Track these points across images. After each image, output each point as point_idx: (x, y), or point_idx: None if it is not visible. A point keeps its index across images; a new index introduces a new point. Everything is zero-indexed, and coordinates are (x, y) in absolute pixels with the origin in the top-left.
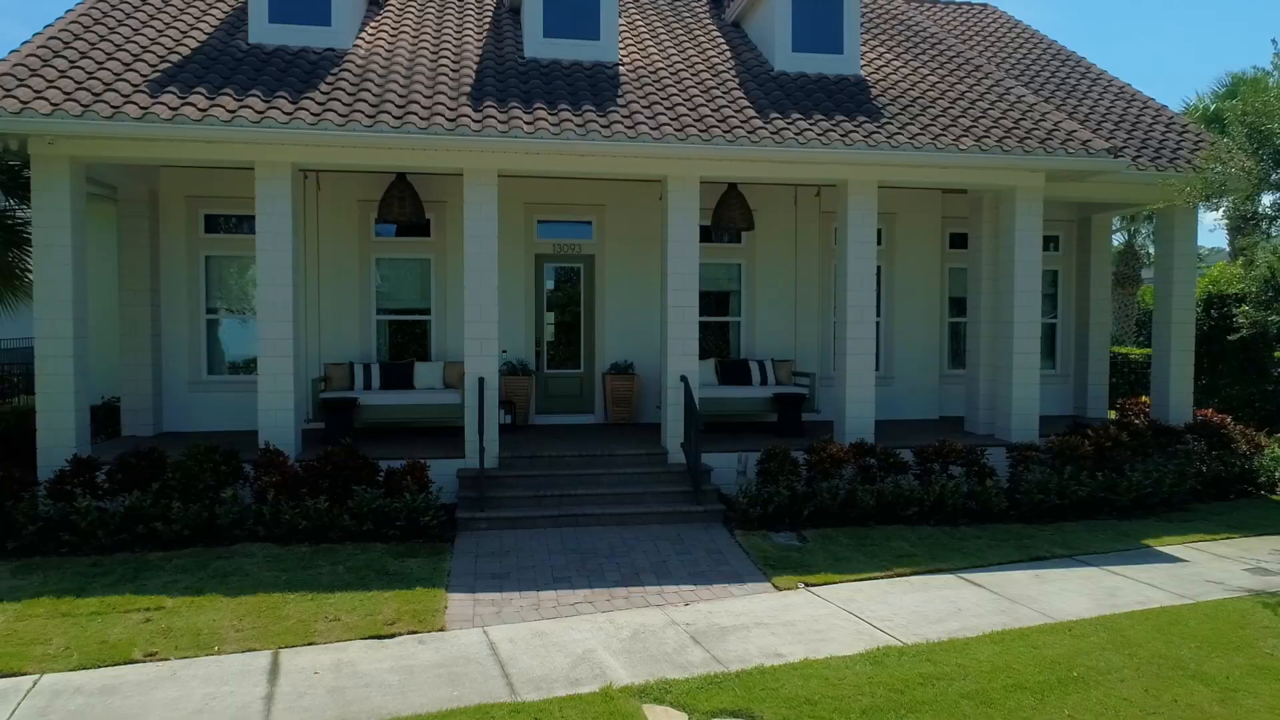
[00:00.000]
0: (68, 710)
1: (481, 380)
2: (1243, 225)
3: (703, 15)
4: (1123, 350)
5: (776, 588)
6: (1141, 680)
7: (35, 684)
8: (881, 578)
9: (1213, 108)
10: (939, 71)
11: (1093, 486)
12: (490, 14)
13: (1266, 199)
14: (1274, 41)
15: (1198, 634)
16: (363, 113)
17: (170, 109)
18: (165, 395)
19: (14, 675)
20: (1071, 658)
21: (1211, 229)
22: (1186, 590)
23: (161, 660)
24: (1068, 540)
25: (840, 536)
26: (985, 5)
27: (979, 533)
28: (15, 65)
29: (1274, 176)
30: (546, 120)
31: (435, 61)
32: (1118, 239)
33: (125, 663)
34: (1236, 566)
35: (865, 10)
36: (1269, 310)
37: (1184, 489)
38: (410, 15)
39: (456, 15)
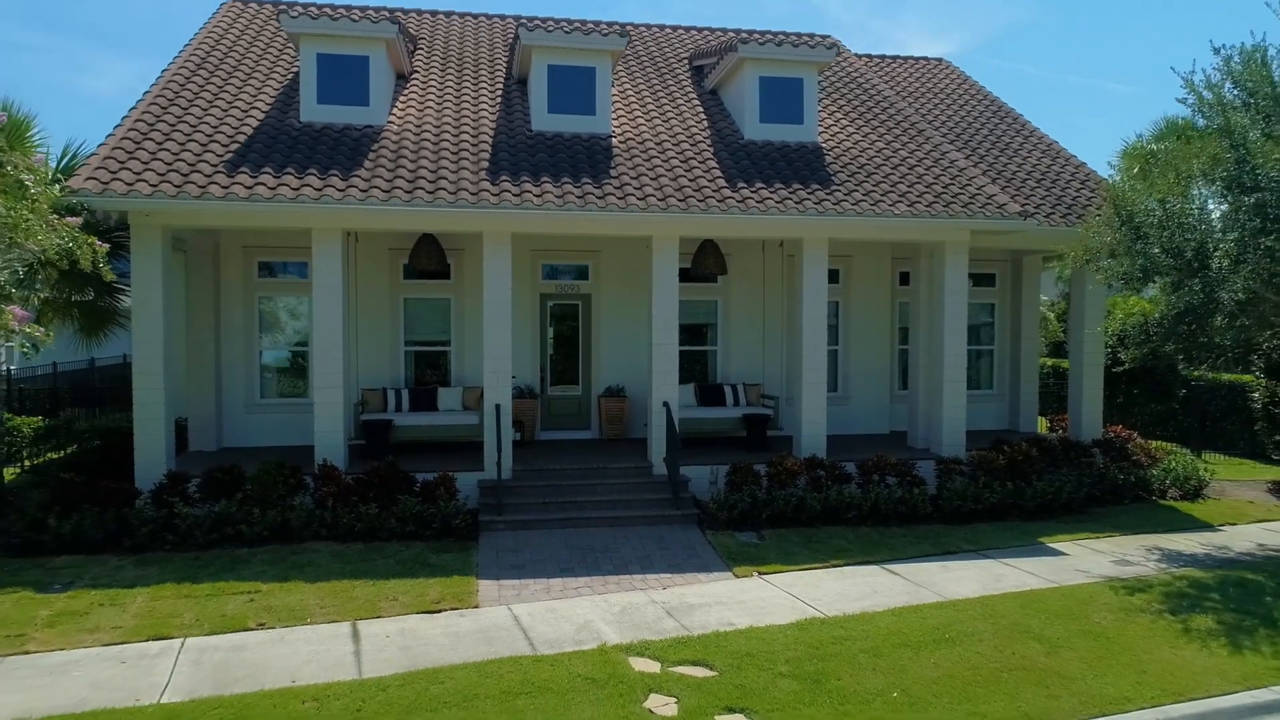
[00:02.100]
0: (213, 662)
1: (498, 407)
2: (1117, 283)
3: (685, 83)
4: (1065, 365)
5: (736, 576)
6: (996, 640)
7: (183, 644)
8: (820, 568)
9: (1150, 147)
10: (885, 137)
11: (1003, 494)
12: (501, 84)
13: (1133, 265)
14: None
15: (1050, 609)
16: (401, 189)
17: (245, 188)
18: (225, 416)
19: (165, 639)
20: (949, 625)
21: None
22: (1056, 577)
23: (269, 629)
24: (976, 538)
25: (792, 535)
26: (940, 61)
27: (906, 532)
28: (114, 148)
29: (1135, 247)
30: (552, 193)
31: (457, 135)
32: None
33: (243, 630)
34: (1105, 559)
35: (828, 76)
36: (1142, 349)
37: (1081, 495)
38: (432, 89)
39: (472, 87)
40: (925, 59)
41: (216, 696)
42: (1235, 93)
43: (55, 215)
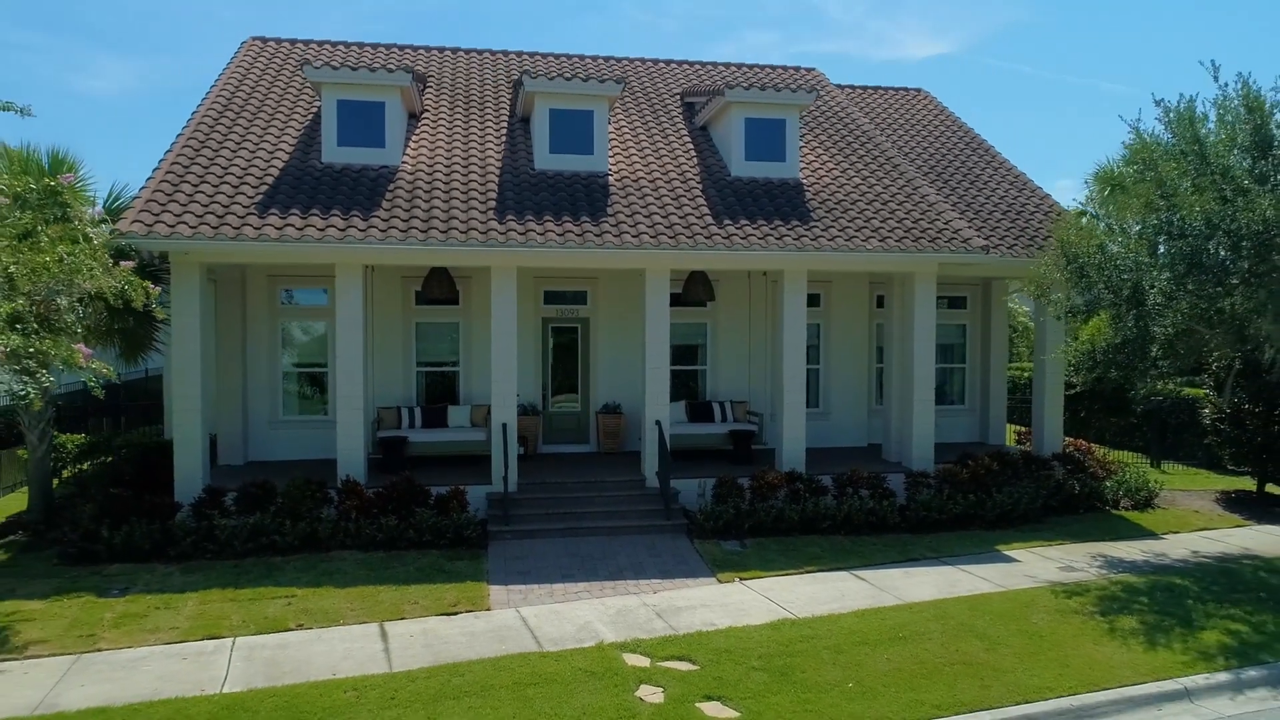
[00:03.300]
0: (263, 658)
1: (505, 426)
2: (1065, 315)
3: (676, 117)
4: None
5: (719, 581)
6: (943, 639)
7: (234, 643)
8: (795, 574)
9: (1117, 171)
10: (863, 172)
11: (966, 505)
12: (506, 121)
13: (1079, 299)
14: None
15: (995, 610)
16: (416, 228)
17: (276, 229)
18: (251, 431)
19: (218, 638)
20: (904, 625)
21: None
22: (1006, 582)
23: (308, 629)
24: (939, 546)
25: (771, 544)
26: (919, 91)
27: (875, 541)
28: (154, 190)
29: (1080, 284)
30: (554, 231)
31: (466, 175)
32: None
33: (285, 630)
34: (1053, 565)
35: (810, 111)
36: (1089, 374)
37: (1038, 506)
38: (442, 127)
39: (479, 126)
40: (904, 89)
41: (270, 687)
42: (1169, 144)
43: (111, 260)
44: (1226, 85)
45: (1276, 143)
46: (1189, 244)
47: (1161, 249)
